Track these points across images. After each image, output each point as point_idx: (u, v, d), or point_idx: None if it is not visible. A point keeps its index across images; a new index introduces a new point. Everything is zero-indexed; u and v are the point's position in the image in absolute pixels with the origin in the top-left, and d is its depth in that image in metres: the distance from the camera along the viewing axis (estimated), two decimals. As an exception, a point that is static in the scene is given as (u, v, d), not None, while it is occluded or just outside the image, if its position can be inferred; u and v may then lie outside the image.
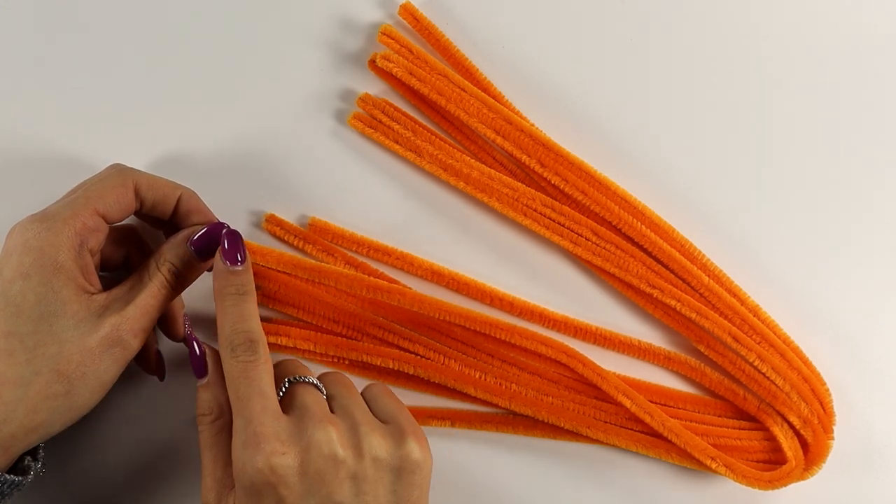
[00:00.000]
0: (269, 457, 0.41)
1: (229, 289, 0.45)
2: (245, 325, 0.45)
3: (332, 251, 0.55)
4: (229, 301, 0.45)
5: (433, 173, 0.55)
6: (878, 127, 0.57)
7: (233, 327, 0.44)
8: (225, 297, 0.45)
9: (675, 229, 0.54)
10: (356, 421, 0.43)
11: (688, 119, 0.56)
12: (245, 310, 0.45)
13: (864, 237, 0.56)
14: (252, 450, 0.41)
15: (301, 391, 0.45)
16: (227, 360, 0.44)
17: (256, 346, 0.44)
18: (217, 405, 0.45)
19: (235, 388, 0.43)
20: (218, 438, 0.45)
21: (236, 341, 0.44)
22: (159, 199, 0.48)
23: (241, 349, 0.44)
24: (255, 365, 0.43)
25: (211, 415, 0.45)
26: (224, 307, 0.45)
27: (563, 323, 0.55)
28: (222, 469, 0.44)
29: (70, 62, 0.55)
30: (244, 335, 0.44)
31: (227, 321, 0.45)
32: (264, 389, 0.43)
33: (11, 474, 0.43)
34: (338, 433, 0.42)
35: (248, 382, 0.43)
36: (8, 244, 0.44)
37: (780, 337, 0.54)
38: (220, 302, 0.45)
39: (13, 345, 0.42)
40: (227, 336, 0.44)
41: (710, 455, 0.52)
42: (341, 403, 0.45)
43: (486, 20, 0.56)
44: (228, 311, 0.45)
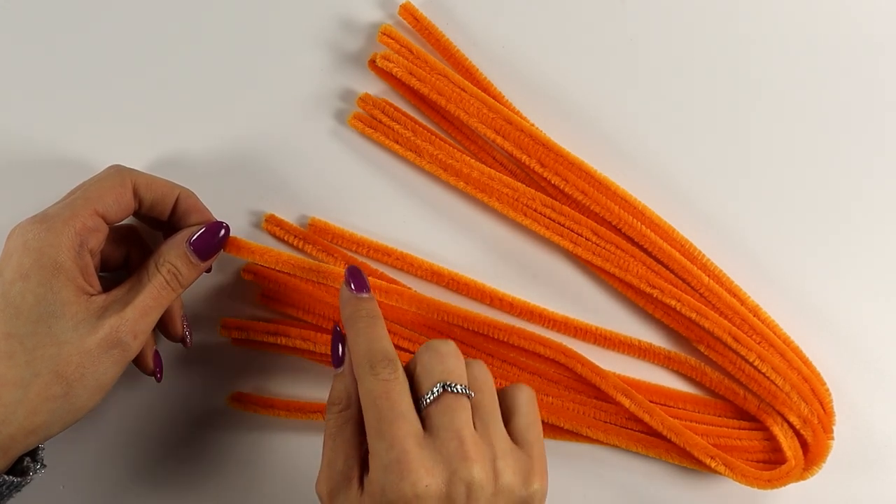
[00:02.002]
0: (414, 485, 0.40)
1: (360, 313, 0.45)
2: (381, 344, 0.44)
3: (331, 251, 0.55)
4: (362, 323, 0.45)
5: (433, 173, 0.55)
6: (879, 127, 0.57)
7: (369, 346, 0.44)
8: (357, 320, 0.45)
9: (675, 229, 0.54)
10: (496, 452, 0.42)
11: (688, 119, 0.56)
12: (379, 331, 0.45)
13: (865, 237, 0.56)
14: (396, 475, 0.40)
15: (452, 404, 0.42)
16: (365, 377, 0.43)
17: (395, 364, 0.43)
18: (347, 396, 0.44)
19: (377, 408, 0.42)
20: (343, 429, 0.44)
21: (375, 359, 0.43)
22: (158, 199, 0.49)
23: (381, 366, 0.43)
24: (395, 384, 0.42)
25: (340, 404, 0.44)
26: (357, 329, 0.45)
27: (563, 323, 0.55)
28: (343, 461, 0.43)
29: (69, 63, 0.55)
30: (382, 353, 0.43)
31: (363, 341, 0.44)
32: (405, 412, 0.42)
33: (11, 475, 0.43)
34: (481, 466, 0.41)
35: (390, 404, 0.41)
36: (8, 245, 0.44)
37: (780, 337, 0.54)
38: (353, 325, 0.45)
39: (13, 346, 0.42)
40: (364, 354, 0.43)
41: (710, 454, 0.52)
42: (484, 420, 0.43)
43: (486, 20, 0.56)
44: (362, 332, 0.45)
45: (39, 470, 0.45)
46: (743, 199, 0.56)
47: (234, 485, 0.54)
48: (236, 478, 0.54)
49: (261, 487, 0.54)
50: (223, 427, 0.55)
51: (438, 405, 0.42)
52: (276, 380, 0.55)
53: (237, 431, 0.55)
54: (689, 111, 0.57)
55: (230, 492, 0.54)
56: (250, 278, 0.54)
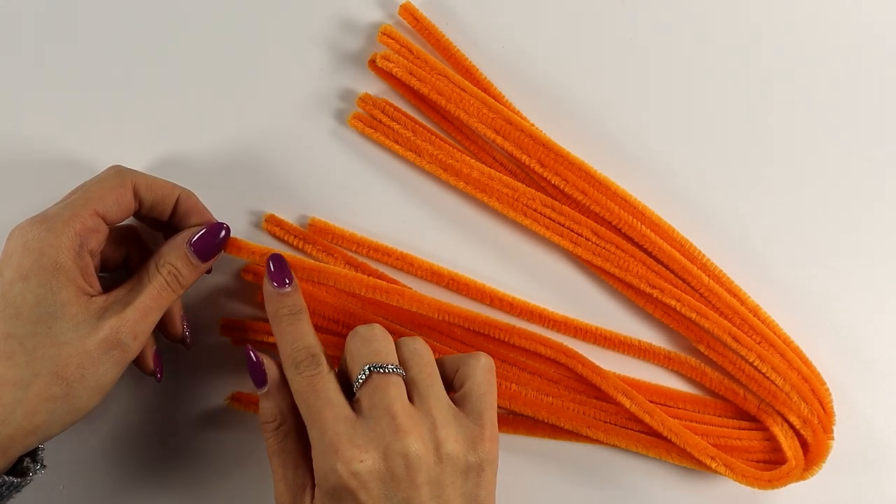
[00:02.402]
0: (348, 463, 0.42)
1: (283, 310, 0.47)
2: (303, 341, 0.46)
3: (331, 251, 0.54)
4: (285, 322, 0.47)
5: (433, 173, 0.55)
6: (879, 127, 0.57)
7: (292, 346, 0.46)
8: (280, 318, 0.47)
9: (675, 229, 0.54)
10: (435, 421, 0.44)
11: (688, 119, 0.56)
12: (300, 328, 0.46)
13: (865, 237, 0.56)
14: (331, 457, 0.42)
15: (380, 383, 0.44)
16: (292, 377, 0.45)
17: (318, 359, 0.45)
18: (279, 412, 0.46)
19: (305, 401, 0.44)
20: (284, 444, 0.46)
21: (298, 358, 0.45)
22: (158, 199, 0.48)
23: (304, 364, 0.45)
24: (319, 377, 0.44)
25: (274, 422, 0.46)
26: (281, 328, 0.47)
27: (563, 323, 0.55)
28: (292, 472, 0.45)
29: (69, 63, 0.55)
30: (304, 351, 0.45)
31: (287, 340, 0.46)
32: (332, 398, 0.44)
33: (10, 476, 0.43)
34: (417, 437, 0.42)
35: (315, 395, 0.44)
36: (8, 246, 0.44)
37: (780, 337, 0.54)
38: (276, 324, 0.47)
39: (12, 346, 0.42)
40: (288, 354, 0.46)
41: (710, 455, 0.52)
42: (421, 393, 0.45)
43: (486, 20, 0.56)
44: (286, 331, 0.46)
45: (39, 470, 0.45)
46: (743, 198, 0.56)
47: (234, 485, 0.54)
48: (236, 478, 0.54)
49: (261, 487, 0.54)
50: (223, 427, 0.55)
51: (367, 386, 0.44)
52: (276, 380, 0.55)
53: (237, 431, 0.55)
54: (689, 111, 0.57)
55: (230, 492, 0.54)
56: (250, 278, 0.54)
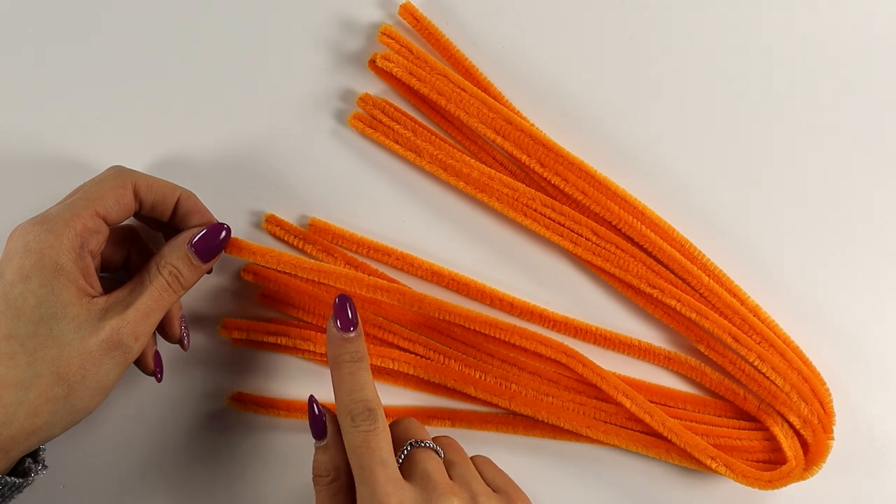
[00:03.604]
0: None
1: (345, 356, 0.46)
2: (362, 393, 0.45)
3: (331, 251, 0.55)
4: (345, 369, 0.46)
5: (433, 173, 0.55)
6: (879, 127, 0.57)
7: (350, 396, 0.45)
8: (341, 364, 0.46)
9: (675, 229, 0.54)
10: (474, 491, 0.44)
11: (688, 119, 0.56)
12: (361, 378, 0.46)
13: (865, 237, 0.56)
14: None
15: (422, 457, 0.45)
16: (347, 429, 0.44)
17: (375, 414, 0.44)
18: (335, 468, 0.45)
19: (358, 457, 0.43)
20: (335, 499, 0.45)
21: (355, 410, 0.44)
22: (158, 200, 0.48)
23: (361, 419, 0.44)
24: (375, 434, 0.44)
25: (328, 476, 0.45)
26: (341, 375, 0.46)
27: (563, 323, 0.55)
28: None
29: (69, 63, 0.55)
30: (362, 404, 0.44)
31: (345, 390, 0.45)
32: (385, 458, 0.43)
33: (12, 476, 0.43)
34: (459, 500, 0.43)
35: (370, 452, 0.43)
36: (9, 247, 0.44)
37: (780, 337, 0.54)
38: (337, 370, 0.46)
39: (14, 347, 0.42)
40: (345, 405, 0.45)
41: (711, 455, 0.52)
42: (459, 472, 0.45)
43: (486, 20, 0.56)
44: (345, 380, 0.46)
45: (41, 471, 0.45)
46: (743, 198, 0.56)
47: (235, 485, 0.54)
48: (236, 478, 0.54)
49: (261, 487, 0.54)
50: (223, 427, 0.55)
51: (408, 460, 0.45)
52: (276, 380, 0.55)
53: (237, 431, 0.55)
54: (688, 110, 0.57)
55: (230, 492, 0.54)
56: (250, 278, 0.54)
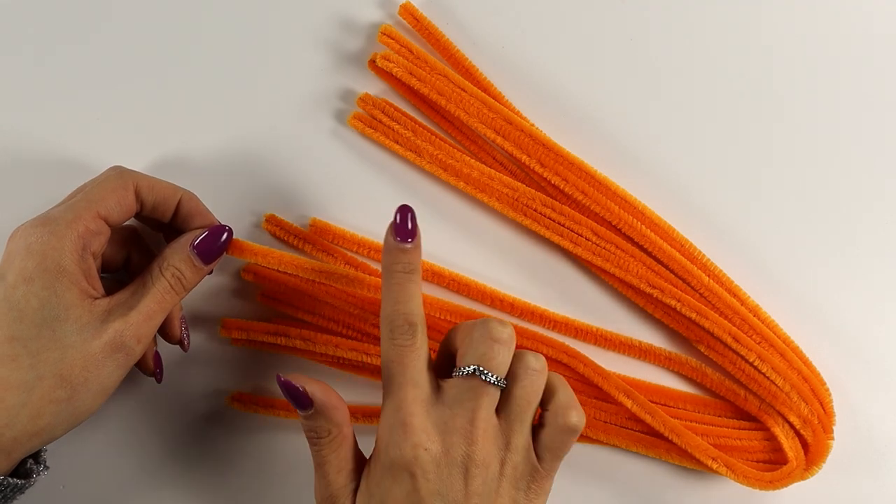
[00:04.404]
0: (415, 447, 0.41)
1: (397, 266, 0.45)
2: (407, 306, 0.44)
3: (332, 251, 0.54)
4: (395, 279, 0.45)
5: (433, 173, 0.55)
6: (879, 127, 0.57)
7: (394, 308, 0.44)
8: (392, 273, 0.45)
9: (675, 229, 0.54)
10: (509, 443, 0.43)
11: (688, 119, 0.57)
12: (409, 290, 0.45)
13: (865, 237, 0.56)
14: (400, 434, 0.42)
15: (477, 388, 0.43)
16: (385, 340, 0.44)
17: (415, 329, 0.44)
18: (334, 425, 0.45)
19: (389, 370, 0.44)
20: (339, 452, 0.45)
21: (396, 322, 0.44)
22: (160, 201, 0.48)
23: (399, 331, 0.44)
24: (410, 350, 0.44)
25: (329, 436, 0.45)
26: (390, 284, 0.45)
27: (564, 324, 0.55)
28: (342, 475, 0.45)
29: (69, 64, 0.55)
30: (404, 317, 0.44)
31: (391, 299, 0.45)
32: (417, 378, 0.43)
33: (14, 478, 0.43)
34: (485, 448, 0.42)
35: (402, 368, 0.43)
36: (10, 248, 0.44)
37: (780, 337, 0.54)
38: (388, 278, 0.45)
39: (16, 349, 0.42)
40: (388, 315, 0.44)
41: (711, 455, 0.52)
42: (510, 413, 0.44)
43: (486, 20, 0.56)
44: (394, 289, 0.45)
45: (42, 472, 0.45)
46: (743, 198, 0.56)
47: (235, 485, 0.54)
48: (236, 478, 0.54)
49: (261, 487, 0.54)
50: (223, 427, 0.55)
51: (464, 382, 0.43)
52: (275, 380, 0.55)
53: (237, 431, 0.55)
54: (688, 110, 0.57)
55: (230, 492, 0.54)
56: (250, 279, 0.54)
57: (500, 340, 0.44)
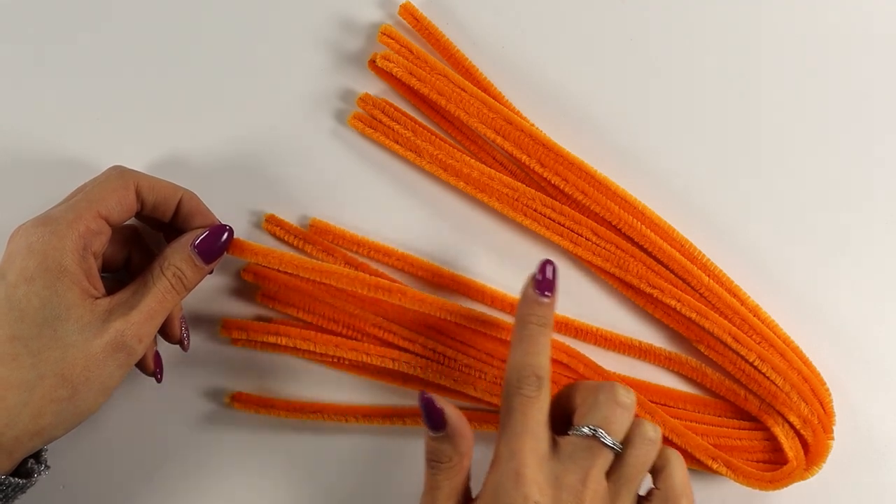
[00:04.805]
0: (525, 498, 0.41)
1: (532, 318, 0.46)
2: (537, 359, 0.45)
3: (332, 252, 0.55)
4: (529, 330, 0.46)
5: (433, 173, 0.55)
6: (879, 126, 0.57)
7: (524, 359, 0.45)
8: (526, 324, 0.46)
9: (675, 229, 0.54)
10: None
11: (688, 119, 0.57)
12: (541, 343, 0.46)
13: (865, 237, 0.56)
14: (511, 481, 0.42)
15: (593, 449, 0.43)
16: (509, 389, 0.45)
17: (542, 382, 0.44)
18: (451, 454, 0.45)
19: (510, 418, 0.44)
20: (454, 481, 0.45)
21: (524, 373, 0.44)
22: (160, 200, 0.48)
23: (526, 382, 0.44)
24: (535, 401, 0.44)
25: (449, 462, 0.45)
26: (522, 335, 0.46)
27: (564, 324, 0.55)
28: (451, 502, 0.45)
29: (70, 63, 0.55)
30: (532, 369, 0.45)
31: (520, 350, 0.45)
32: (536, 431, 0.43)
33: (15, 477, 0.43)
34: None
35: (524, 419, 0.43)
36: (11, 248, 0.44)
37: (780, 337, 0.54)
38: (520, 329, 0.46)
39: (18, 349, 0.42)
40: (516, 365, 0.45)
41: (711, 455, 0.52)
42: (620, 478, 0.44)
43: (486, 20, 0.56)
44: (524, 340, 0.46)
45: (43, 472, 0.45)
46: (743, 198, 0.56)
47: (235, 485, 0.54)
48: (236, 478, 0.54)
49: (261, 487, 0.54)
50: (223, 427, 0.55)
51: (581, 441, 0.43)
52: (276, 380, 0.55)
53: (237, 431, 0.55)
54: (689, 110, 0.57)
55: (230, 492, 0.54)
56: (250, 279, 0.54)
57: (624, 406, 0.44)
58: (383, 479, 0.55)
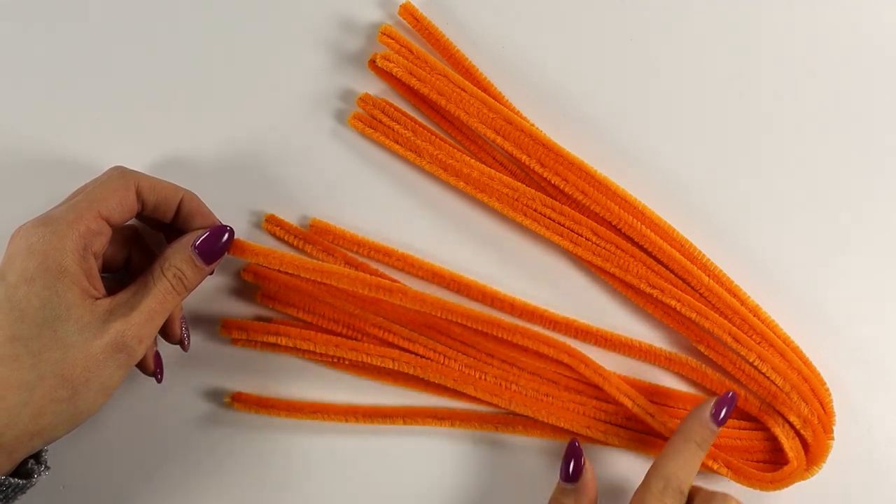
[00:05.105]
0: None
1: (697, 437, 0.49)
2: (686, 474, 0.48)
3: (332, 251, 0.55)
4: (690, 448, 0.49)
5: (433, 173, 0.55)
6: (880, 126, 0.57)
7: (677, 470, 0.48)
8: (689, 440, 0.49)
9: (675, 229, 0.54)
10: None
11: (688, 119, 0.57)
12: (694, 464, 0.49)
13: (865, 237, 0.56)
14: None
15: None
16: (652, 492, 0.48)
17: (682, 497, 0.48)
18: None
19: None
20: None
21: (672, 484, 0.48)
22: (161, 201, 0.48)
23: (669, 493, 0.47)
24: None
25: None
26: (682, 448, 0.49)
27: (564, 324, 0.55)
28: None
29: (70, 64, 0.55)
30: (678, 483, 0.48)
31: (678, 462, 0.48)
32: None
33: (15, 478, 0.43)
34: None
35: None
36: (11, 248, 0.44)
37: (780, 337, 0.54)
38: (682, 442, 0.49)
39: (18, 349, 0.42)
40: (668, 472, 0.48)
41: (712, 455, 0.52)
42: None
43: (486, 20, 0.56)
44: (683, 454, 0.49)
45: (43, 472, 0.45)
46: (743, 198, 0.56)
47: (235, 485, 0.54)
48: (237, 478, 0.54)
49: (261, 487, 0.54)
50: (223, 427, 0.55)
51: None
52: (276, 380, 0.55)
53: (237, 431, 0.55)
54: (689, 111, 0.57)
55: (230, 492, 0.54)
56: (250, 279, 0.54)
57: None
58: (383, 479, 0.55)
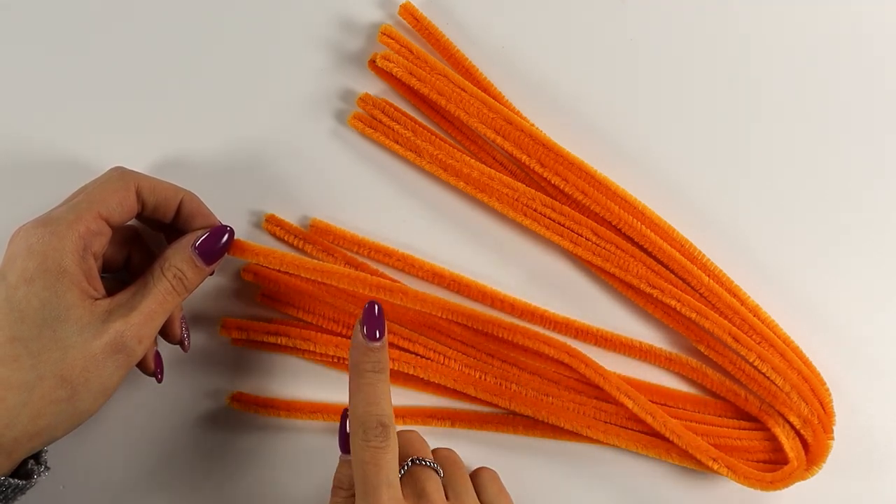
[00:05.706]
0: None
1: (367, 365, 0.45)
2: (379, 407, 0.45)
3: (332, 251, 0.54)
4: (365, 379, 0.45)
5: (433, 173, 0.55)
6: (879, 125, 0.57)
7: (366, 408, 0.44)
8: (361, 373, 0.45)
9: (675, 229, 0.54)
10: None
11: (688, 119, 0.57)
12: (379, 390, 0.45)
13: (865, 237, 0.56)
14: None
15: (422, 476, 0.45)
16: (357, 441, 0.44)
17: (388, 430, 0.44)
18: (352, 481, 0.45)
19: (363, 472, 0.43)
20: None
21: (369, 424, 0.44)
22: (161, 202, 0.48)
23: (373, 434, 0.44)
24: (384, 452, 0.43)
25: (349, 489, 0.45)
26: (359, 384, 0.45)
27: (564, 324, 0.55)
28: None
29: (70, 64, 0.55)
30: (376, 419, 0.44)
31: (361, 400, 0.45)
32: (391, 479, 0.43)
33: (15, 478, 0.43)
34: None
35: (376, 470, 0.43)
36: (11, 248, 0.44)
37: (780, 337, 0.54)
38: (356, 378, 0.45)
39: (17, 350, 0.42)
40: (360, 417, 0.44)
41: (712, 456, 0.52)
42: (456, 490, 0.46)
43: (486, 20, 0.56)
44: (363, 390, 0.45)
45: (43, 472, 0.45)
46: (743, 198, 0.56)
47: (235, 485, 0.54)
48: (237, 478, 0.54)
49: (261, 487, 0.54)
50: (223, 427, 0.55)
51: (408, 477, 0.45)
52: (276, 380, 0.55)
53: (237, 431, 0.55)
54: (688, 111, 0.57)
55: (230, 492, 0.54)
56: (250, 278, 0.54)
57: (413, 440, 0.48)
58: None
